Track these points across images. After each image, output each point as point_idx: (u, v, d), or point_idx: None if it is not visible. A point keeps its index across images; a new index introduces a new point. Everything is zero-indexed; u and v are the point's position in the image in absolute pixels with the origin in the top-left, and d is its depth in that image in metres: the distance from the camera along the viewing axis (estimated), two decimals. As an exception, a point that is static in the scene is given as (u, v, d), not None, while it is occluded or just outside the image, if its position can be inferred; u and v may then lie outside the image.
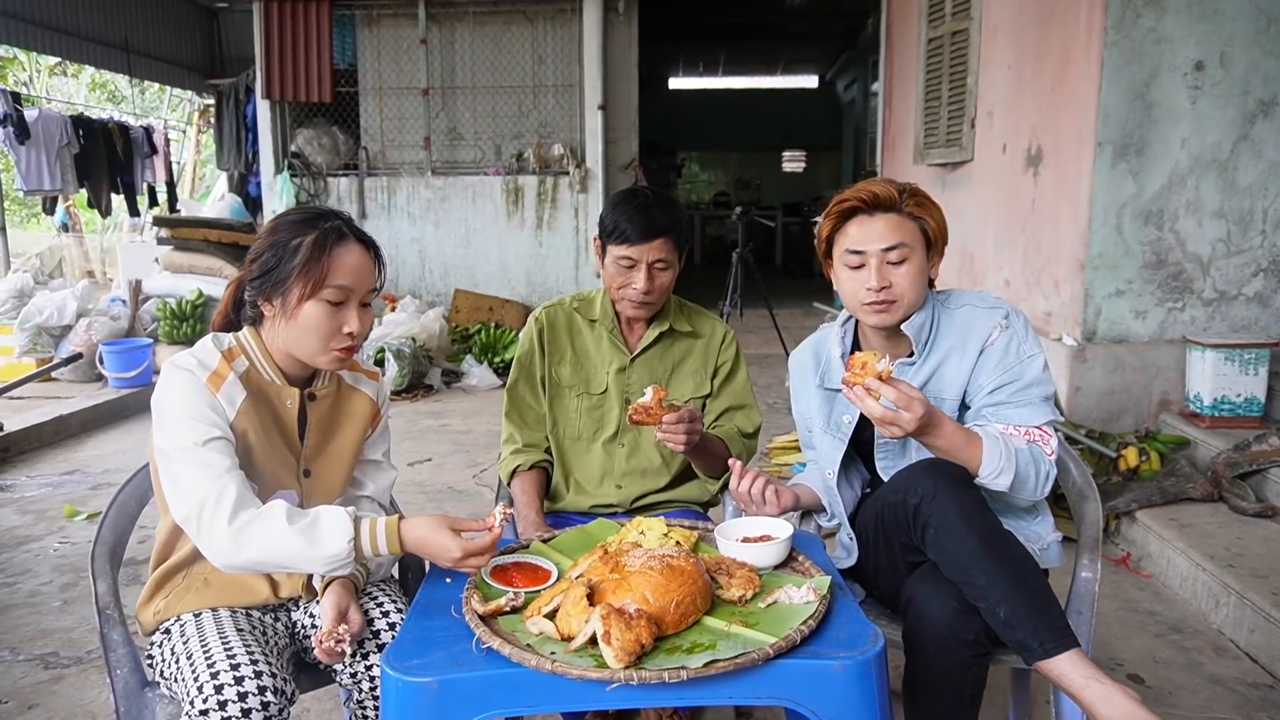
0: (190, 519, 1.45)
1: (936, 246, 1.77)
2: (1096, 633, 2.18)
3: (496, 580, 1.49)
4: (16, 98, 8.54)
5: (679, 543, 1.57)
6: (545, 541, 1.69)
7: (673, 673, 1.20)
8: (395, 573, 1.86)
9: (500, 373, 6.54)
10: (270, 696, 1.38)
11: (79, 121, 9.22)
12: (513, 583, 1.48)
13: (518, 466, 2.13)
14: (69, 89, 15.43)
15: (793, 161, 17.88)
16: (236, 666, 1.40)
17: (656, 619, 1.28)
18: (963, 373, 1.75)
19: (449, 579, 1.54)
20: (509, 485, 2.15)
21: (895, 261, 1.71)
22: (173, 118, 13.06)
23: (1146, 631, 2.77)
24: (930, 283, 1.80)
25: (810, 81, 17.37)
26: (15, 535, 3.69)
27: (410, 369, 6.20)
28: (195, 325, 6.45)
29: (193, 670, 1.42)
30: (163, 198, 10.56)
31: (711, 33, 13.16)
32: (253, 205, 9.05)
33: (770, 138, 17.19)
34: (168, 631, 1.58)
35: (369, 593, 1.67)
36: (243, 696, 1.36)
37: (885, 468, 1.83)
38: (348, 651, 1.49)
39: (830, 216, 1.78)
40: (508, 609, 1.39)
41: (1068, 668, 1.42)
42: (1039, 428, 1.68)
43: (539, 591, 1.44)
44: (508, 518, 1.51)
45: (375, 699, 1.57)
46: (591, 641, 1.25)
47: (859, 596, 1.84)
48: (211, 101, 10.50)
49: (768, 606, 1.38)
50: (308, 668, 1.68)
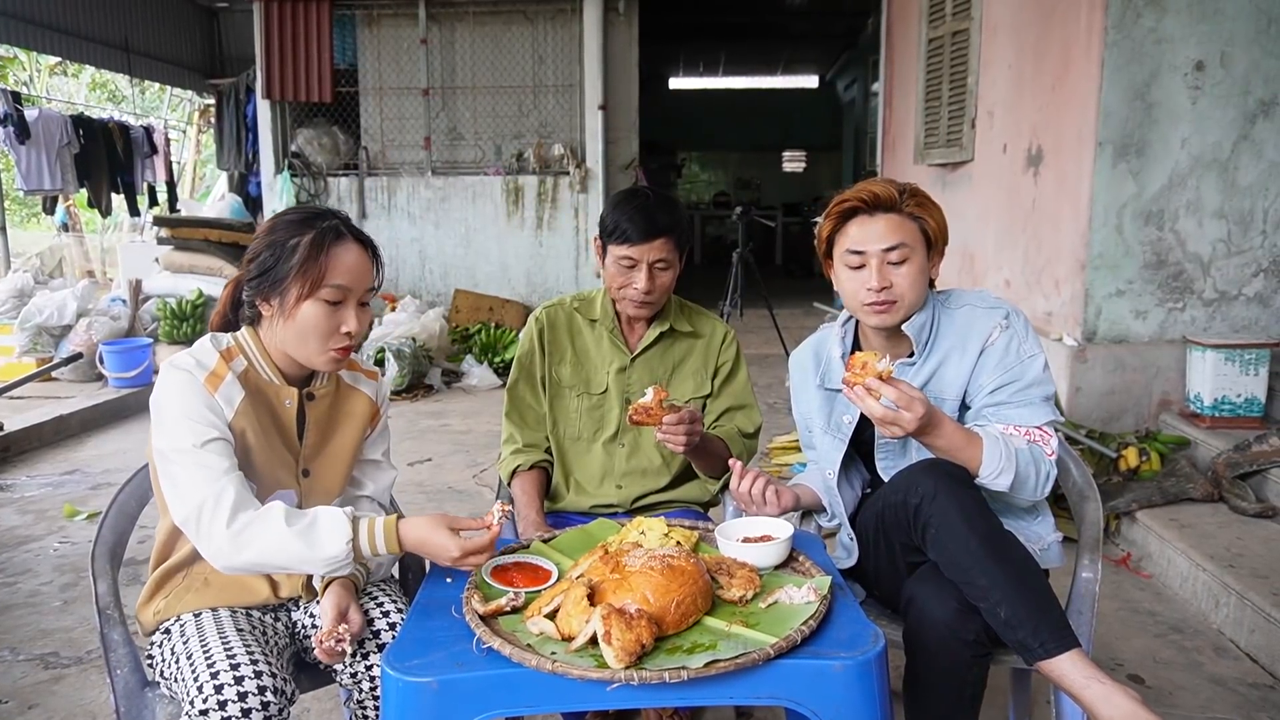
0: (189, 521, 1.46)
1: (937, 246, 1.77)
2: (1097, 633, 2.18)
3: (497, 580, 1.49)
4: (17, 97, 8.54)
5: (679, 543, 1.56)
6: (546, 541, 1.69)
7: (673, 673, 1.20)
8: (395, 572, 1.86)
9: (500, 373, 6.54)
10: (270, 696, 1.38)
11: (79, 121, 9.22)
12: (513, 583, 1.48)
13: (518, 466, 2.13)
14: (69, 89, 15.44)
15: (793, 161, 17.88)
16: (236, 666, 1.40)
17: (657, 619, 1.28)
18: (963, 373, 1.75)
19: (449, 579, 1.54)
20: (509, 485, 2.16)
21: (896, 262, 1.71)
22: (173, 118, 13.06)
23: (1147, 632, 2.77)
24: (931, 283, 1.80)
25: (810, 81, 17.37)
26: (15, 535, 3.69)
27: (410, 369, 6.20)
28: (195, 325, 6.45)
29: (193, 670, 1.42)
30: (163, 198, 10.57)
31: (711, 33, 13.16)
32: (253, 205, 9.05)
33: (770, 138, 17.20)
34: (168, 631, 1.58)
35: (369, 593, 1.67)
36: (243, 696, 1.36)
37: (885, 468, 1.83)
38: (348, 651, 1.49)
39: (830, 217, 1.78)
40: (508, 609, 1.39)
41: (1068, 668, 1.42)
42: (1039, 428, 1.68)
43: (539, 591, 1.44)
44: (506, 515, 1.51)
45: (375, 699, 1.57)
46: (592, 641, 1.25)
47: (859, 597, 1.84)
48: (211, 101, 10.50)
49: (768, 607, 1.38)
50: (308, 668, 1.68)
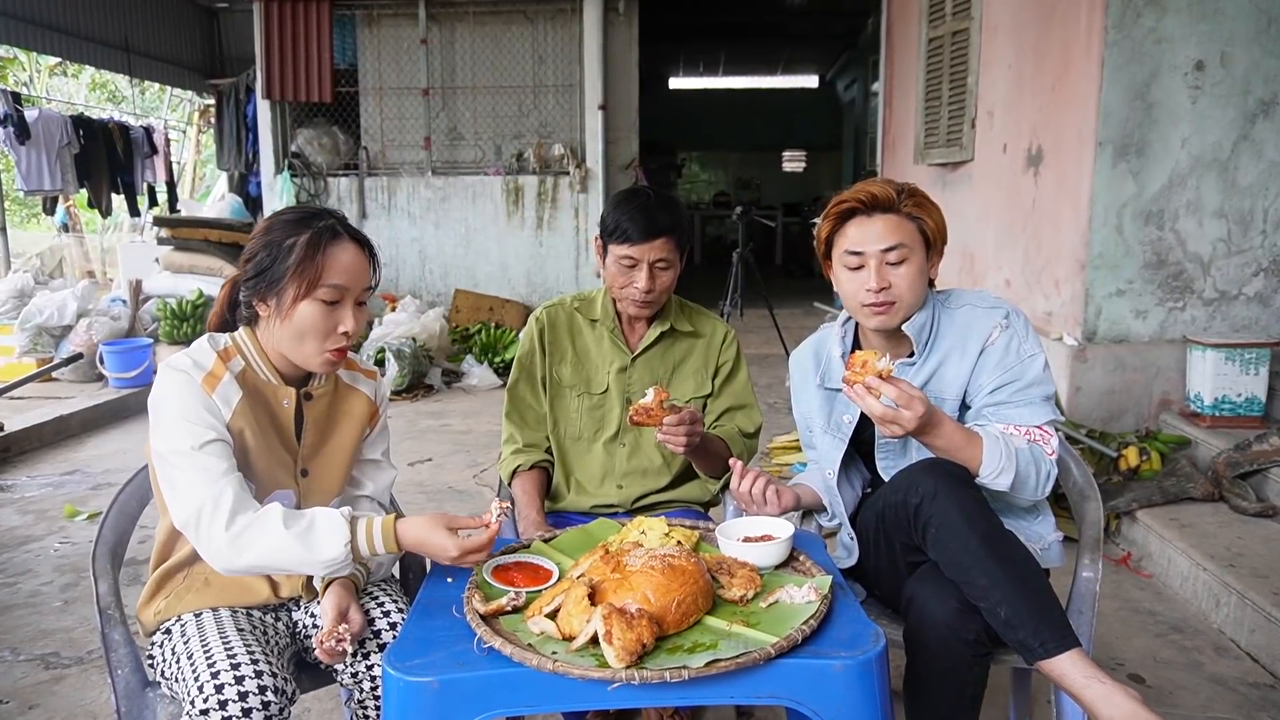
0: (189, 524, 1.46)
1: (936, 246, 1.77)
2: (1097, 632, 2.18)
3: (498, 580, 1.49)
4: (17, 98, 8.54)
5: (680, 542, 1.56)
6: (546, 541, 1.69)
7: (674, 672, 1.20)
8: (396, 572, 1.86)
9: (500, 373, 6.54)
10: (271, 696, 1.38)
11: (79, 121, 9.22)
12: (514, 582, 1.48)
13: (518, 466, 2.13)
14: (69, 89, 15.44)
15: (793, 161, 17.88)
16: (237, 666, 1.40)
17: (658, 619, 1.28)
18: (963, 373, 1.75)
19: (450, 579, 1.54)
20: (509, 485, 2.16)
21: (894, 262, 1.71)
22: (173, 118, 13.06)
23: (1147, 631, 2.77)
24: (930, 283, 1.80)
25: (810, 81, 17.37)
26: (16, 535, 3.70)
27: (410, 369, 6.20)
28: (195, 325, 6.45)
29: (193, 670, 1.42)
30: (163, 198, 10.57)
31: (711, 33, 13.16)
32: (253, 205, 9.05)
33: (770, 138, 17.20)
34: (168, 631, 1.58)
35: (370, 592, 1.67)
36: (243, 696, 1.36)
37: (886, 468, 1.83)
38: (348, 651, 1.49)
39: (829, 218, 1.78)
40: (509, 609, 1.39)
41: (1068, 667, 1.42)
42: (1040, 427, 1.68)
43: (540, 591, 1.44)
44: (505, 512, 1.51)
45: (376, 699, 1.57)
46: (593, 641, 1.25)
47: (860, 596, 1.84)
48: (211, 101, 10.50)
49: (769, 606, 1.38)
50: (309, 667, 1.68)
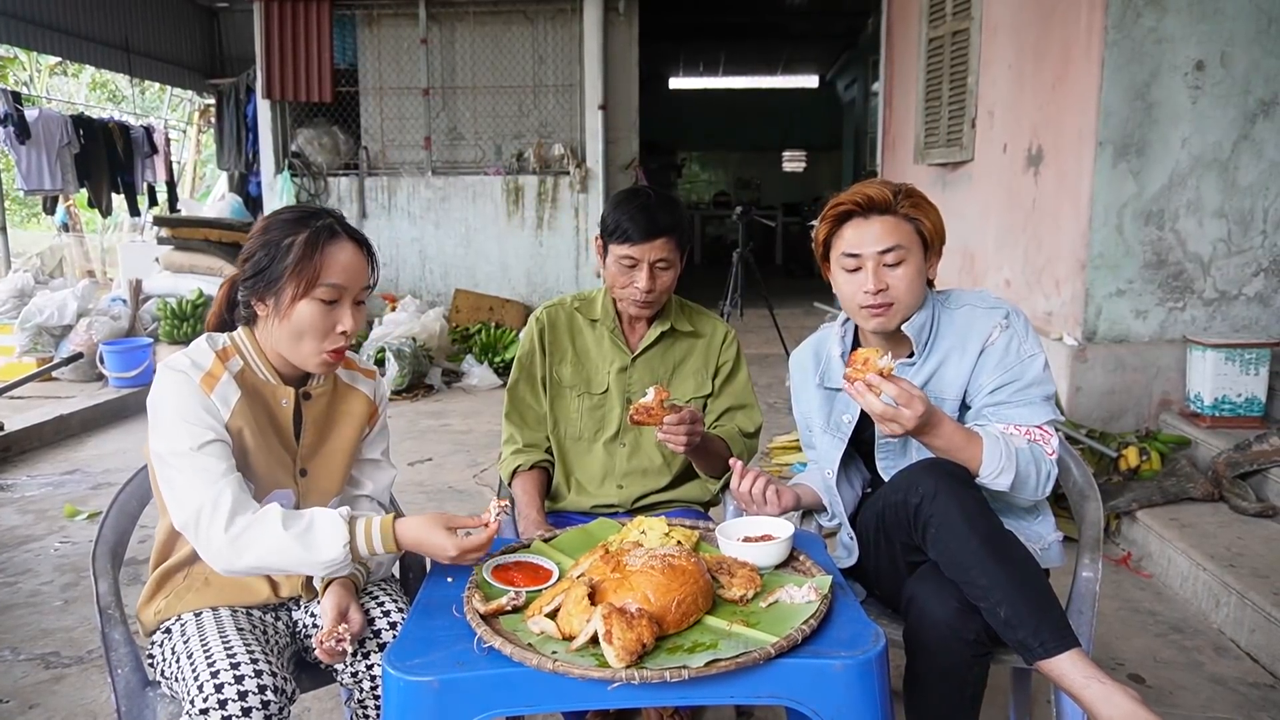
0: (189, 526, 1.46)
1: (934, 247, 1.77)
2: (1097, 632, 2.18)
3: (498, 580, 1.49)
4: (17, 97, 8.54)
5: (680, 542, 1.56)
6: (546, 541, 1.69)
7: (674, 672, 1.20)
8: (396, 572, 1.86)
9: (500, 372, 6.54)
10: (270, 695, 1.38)
11: (79, 121, 9.22)
12: (514, 582, 1.48)
13: (518, 466, 2.13)
14: (69, 89, 15.44)
15: (793, 161, 17.88)
16: (237, 665, 1.40)
17: (658, 618, 1.28)
18: (963, 373, 1.75)
19: (450, 578, 1.54)
20: (509, 485, 2.16)
21: (892, 263, 1.71)
22: (173, 117, 13.05)
23: (1147, 631, 2.77)
24: (929, 283, 1.80)
25: (810, 81, 17.37)
26: (16, 535, 3.70)
27: (410, 369, 6.20)
28: (195, 325, 6.46)
29: (193, 669, 1.42)
30: (163, 197, 10.57)
31: (711, 32, 13.17)
32: (253, 205, 9.06)
33: (770, 138, 17.20)
34: (168, 631, 1.58)
35: (370, 592, 1.67)
36: (243, 695, 1.36)
37: (886, 468, 1.83)
38: (348, 651, 1.49)
39: (826, 220, 1.78)
40: (509, 608, 1.39)
41: (1068, 667, 1.42)
42: (1040, 427, 1.68)
43: (540, 591, 1.44)
44: (504, 510, 1.51)
45: (376, 698, 1.57)
46: (593, 641, 1.25)
47: (860, 596, 1.84)
48: (212, 101, 10.50)
49: (769, 606, 1.38)
50: (309, 667, 1.68)
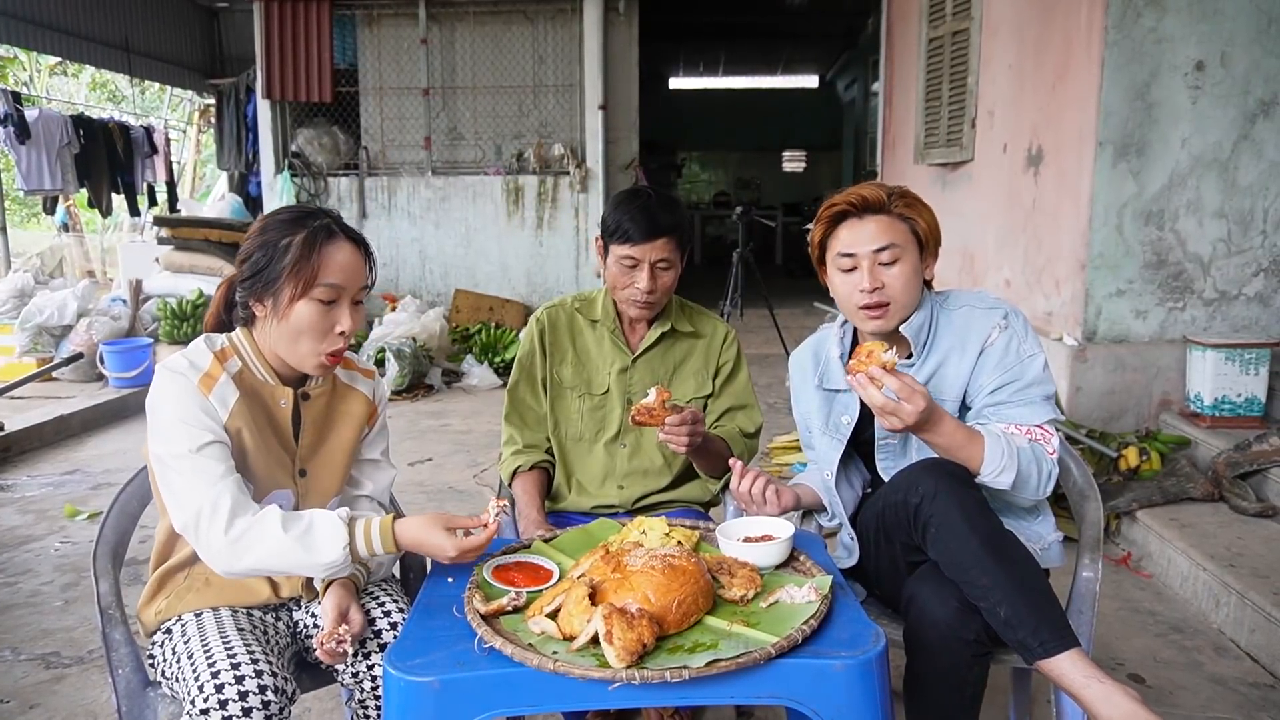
0: (189, 528, 1.46)
1: (929, 247, 1.77)
2: (1097, 632, 2.18)
3: (498, 580, 1.49)
4: (17, 97, 8.54)
5: (680, 542, 1.56)
6: (547, 541, 1.69)
7: (675, 672, 1.20)
8: (397, 572, 1.86)
9: (500, 373, 6.54)
10: (271, 695, 1.38)
11: (79, 121, 9.22)
12: (514, 582, 1.48)
13: (518, 467, 2.13)
14: (69, 89, 15.44)
15: (793, 161, 17.89)
16: (237, 666, 1.40)
17: (658, 618, 1.28)
18: (963, 373, 1.75)
19: (451, 578, 1.54)
20: (510, 486, 2.16)
21: (887, 262, 1.71)
22: (173, 117, 13.05)
23: (1147, 631, 2.77)
24: (928, 284, 1.81)
25: (810, 81, 17.38)
26: (16, 535, 3.70)
27: (410, 369, 6.20)
28: (195, 325, 6.46)
29: (194, 669, 1.42)
30: (163, 197, 10.57)
31: (711, 32, 13.17)
32: (253, 205, 9.06)
33: (770, 138, 17.20)
34: (169, 631, 1.58)
35: (370, 592, 1.67)
36: (243, 696, 1.36)
37: (886, 468, 1.84)
38: (349, 652, 1.50)
39: (821, 221, 1.79)
40: (510, 608, 1.39)
41: (1068, 667, 1.42)
42: (1040, 426, 1.68)
43: (541, 591, 1.44)
44: (503, 510, 1.51)
45: (377, 698, 1.57)
46: (593, 641, 1.25)
47: (860, 596, 1.84)
48: (212, 101, 10.50)
49: (769, 606, 1.39)
50: (309, 667, 1.68)
